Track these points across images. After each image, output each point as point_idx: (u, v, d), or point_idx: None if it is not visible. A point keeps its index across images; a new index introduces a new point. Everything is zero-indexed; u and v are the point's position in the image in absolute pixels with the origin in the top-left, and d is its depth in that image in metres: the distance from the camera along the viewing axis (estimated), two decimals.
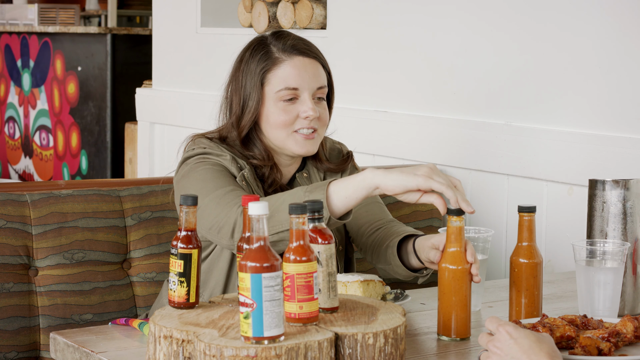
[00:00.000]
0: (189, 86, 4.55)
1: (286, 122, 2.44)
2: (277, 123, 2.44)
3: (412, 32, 3.52)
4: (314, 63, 2.47)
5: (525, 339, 1.73)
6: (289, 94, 2.43)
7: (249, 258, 1.70)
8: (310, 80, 2.45)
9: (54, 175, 7.19)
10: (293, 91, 2.44)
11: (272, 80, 2.44)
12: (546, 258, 3.06)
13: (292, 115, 2.44)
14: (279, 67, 2.44)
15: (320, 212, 1.90)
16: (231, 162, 2.42)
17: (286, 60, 2.45)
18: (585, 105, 3.00)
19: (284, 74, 2.44)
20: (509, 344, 1.73)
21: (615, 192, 2.27)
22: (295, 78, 2.44)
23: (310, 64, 2.46)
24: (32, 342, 2.60)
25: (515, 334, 1.74)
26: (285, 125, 2.44)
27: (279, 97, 2.44)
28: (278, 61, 2.45)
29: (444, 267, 2.06)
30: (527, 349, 1.72)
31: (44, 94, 7.25)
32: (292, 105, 2.44)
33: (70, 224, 2.66)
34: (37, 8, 7.74)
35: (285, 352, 1.68)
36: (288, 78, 2.43)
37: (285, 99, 2.44)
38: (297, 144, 2.45)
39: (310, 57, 2.47)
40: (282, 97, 2.43)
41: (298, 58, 2.46)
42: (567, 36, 3.04)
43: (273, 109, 2.44)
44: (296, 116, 2.44)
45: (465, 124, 3.32)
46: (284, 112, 2.44)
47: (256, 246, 1.71)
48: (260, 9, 4.12)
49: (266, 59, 2.46)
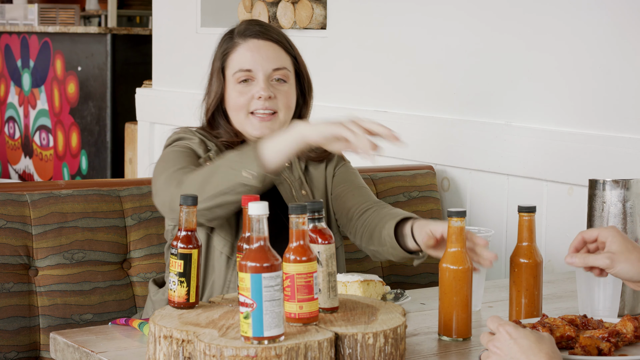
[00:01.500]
0: (189, 86, 4.55)
1: (242, 104, 2.50)
2: (234, 105, 2.51)
3: (412, 32, 3.52)
4: (271, 44, 2.53)
5: (525, 339, 1.73)
6: (243, 76, 2.50)
7: (249, 258, 1.70)
8: (264, 62, 2.50)
9: (54, 175, 7.19)
10: (247, 72, 2.50)
11: (230, 64, 2.52)
12: (546, 258, 3.06)
13: (248, 96, 2.50)
14: (235, 50, 2.52)
15: (321, 212, 1.90)
16: (199, 144, 2.50)
17: (242, 44, 2.53)
18: (585, 105, 3.00)
19: (239, 56, 2.51)
20: (509, 344, 1.73)
21: (615, 192, 2.27)
22: (249, 60, 2.50)
23: (265, 46, 2.52)
24: (32, 342, 2.60)
25: (515, 334, 1.74)
26: (241, 107, 2.50)
27: (235, 80, 2.51)
28: (235, 45, 2.53)
29: (445, 267, 2.06)
30: (527, 349, 1.71)
31: (44, 94, 7.25)
32: (248, 86, 2.50)
33: (70, 224, 2.66)
34: (37, 8, 7.74)
35: (285, 352, 1.68)
36: (242, 60, 2.50)
37: (240, 80, 2.50)
38: (252, 126, 2.50)
39: (265, 40, 2.53)
40: (237, 79, 2.50)
41: (252, 40, 2.52)
42: (567, 36, 3.04)
43: (231, 92, 2.52)
44: (251, 97, 2.49)
45: (465, 124, 3.32)
46: (240, 94, 2.50)
47: (256, 246, 1.71)
48: (260, 9, 4.12)
49: (227, 44, 2.54)
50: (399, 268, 3.13)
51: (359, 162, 3.13)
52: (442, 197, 3.40)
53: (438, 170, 3.40)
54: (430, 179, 3.30)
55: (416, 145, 3.46)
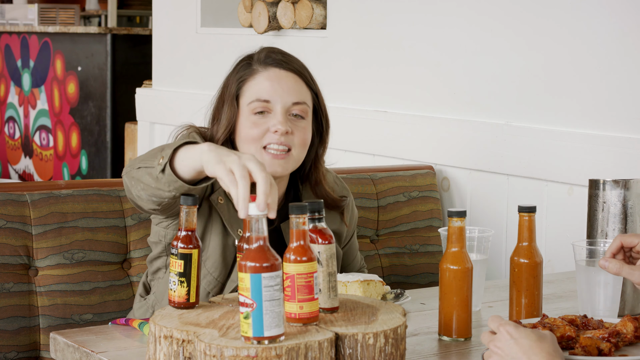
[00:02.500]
0: (189, 86, 4.55)
1: (255, 137, 2.32)
2: (247, 137, 2.33)
3: (412, 32, 3.52)
4: (292, 76, 2.36)
5: (526, 339, 1.73)
6: (260, 107, 2.32)
7: (249, 258, 1.70)
8: (284, 94, 2.33)
9: (54, 175, 7.19)
10: (264, 104, 2.33)
11: (246, 92, 2.35)
12: (546, 258, 3.06)
13: (262, 129, 2.32)
14: (253, 78, 2.35)
15: (321, 212, 1.90)
16: None
17: (261, 72, 2.35)
18: (586, 106, 3.00)
19: (257, 85, 2.34)
20: (509, 344, 1.73)
21: (615, 192, 2.27)
22: (268, 90, 2.33)
23: (286, 77, 2.35)
24: (32, 342, 2.60)
25: (516, 334, 1.74)
26: (254, 140, 2.32)
27: (251, 110, 2.33)
28: (254, 72, 2.36)
29: (445, 267, 2.06)
30: (527, 349, 1.71)
31: (44, 94, 7.25)
32: (264, 119, 2.32)
33: (70, 224, 2.66)
34: (37, 8, 7.74)
35: (286, 352, 1.68)
36: (260, 89, 2.33)
37: (256, 112, 2.33)
38: (264, 162, 2.24)
39: (287, 70, 2.36)
40: (253, 109, 2.33)
41: (273, 70, 2.35)
42: (567, 36, 3.04)
43: (245, 122, 2.34)
44: (266, 130, 2.32)
45: (465, 124, 3.32)
46: (254, 125, 2.32)
47: (255, 246, 1.71)
48: (260, 9, 4.12)
49: (245, 70, 2.37)
50: (399, 268, 3.13)
51: (360, 161, 3.14)
52: (442, 197, 3.40)
53: (438, 170, 3.40)
54: (430, 179, 3.30)
55: (416, 145, 3.46)
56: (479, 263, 2.27)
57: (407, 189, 3.20)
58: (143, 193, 2.15)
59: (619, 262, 2.04)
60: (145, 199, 2.16)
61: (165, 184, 2.07)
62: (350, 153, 3.66)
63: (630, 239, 2.06)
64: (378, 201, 3.15)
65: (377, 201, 3.15)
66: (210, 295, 2.34)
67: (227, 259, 2.35)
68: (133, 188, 2.18)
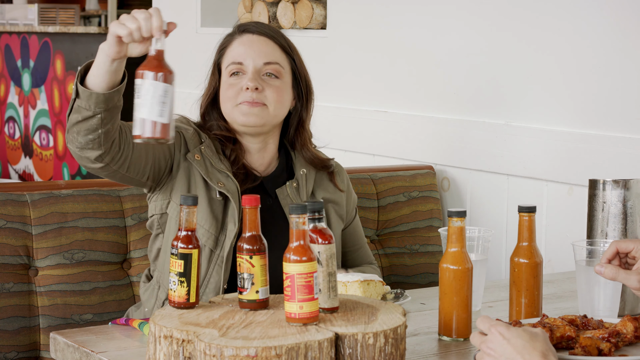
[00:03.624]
0: (189, 86, 4.54)
1: (231, 96, 2.52)
2: (224, 97, 2.54)
3: (412, 32, 3.52)
4: (264, 39, 2.56)
5: (518, 338, 1.73)
6: (234, 68, 2.53)
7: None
8: (255, 55, 2.53)
9: (54, 175, 7.19)
10: (238, 65, 2.53)
11: (224, 59, 2.57)
12: (546, 258, 3.06)
13: (237, 88, 2.52)
14: (230, 45, 2.57)
15: (321, 212, 1.90)
16: (192, 135, 2.53)
17: (237, 39, 2.57)
18: (585, 105, 3.00)
19: (233, 50, 2.56)
20: (502, 345, 1.73)
21: (615, 192, 2.27)
22: (241, 53, 2.54)
23: (257, 40, 2.55)
24: (32, 342, 2.60)
25: (508, 334, 1.74)
26: (229, 99, 2.53)
27: (227, 72, 2.55)
28: (231, 40, 2.58)
29: (445, 267, 2.06)
30: (521, 348, 1.71)
31: (44, 94, 7.25)
32: (238, 79, 2.53)
33: (70, 224, 2.66)
34: (37, 8, 7.74)
35: (286, 352, 1.68)
36: (235, 54, 2.55)
37: (231, 73, 2.54)
38: (241, 113, 2.50)
39: (259, 35, 2.57)
40: (229, 71, 2.54)
41: (246, 35, 2.57)
42: (568, 36, 3.04)
43: (224, 85, 2.56)
44: (240, 89, 2.52)
45: (465, 124, 3.32)
46: (230, 86, 2.53)
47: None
48: (260, 9, 4.12)
49: (224, 40, 2.60)
50: (399, 268, 3.13)
51: (360, 161, 3.13)
52: (442, 197, 3.40)
53: (438, 170, 3.40)
54: (430, 179, 3.30)
55: (416, 145, 3.46)
56: (479, 263, 2.27)
57: (407, 189, 3.20)
58: (79, 137, 2.25)
59: (614, 267, 2.04)
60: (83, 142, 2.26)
61: (85, 104, 2.21)
62: (350, 153, 3.66)
63: (626, 244, 2.06)
64: (378, 201, 3.15)
65: (377, 201, 3.15)
66: (205, 248, 2.46)
67: (215, 211, 2.48)
68: (73, 142, 2.28)
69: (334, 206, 2.62)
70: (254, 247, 1.88)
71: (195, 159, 2.49)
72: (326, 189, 2.63)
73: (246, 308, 1.90)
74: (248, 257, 1.88)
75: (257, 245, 1.88)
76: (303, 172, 2.59)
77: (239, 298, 1.90)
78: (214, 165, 2.49)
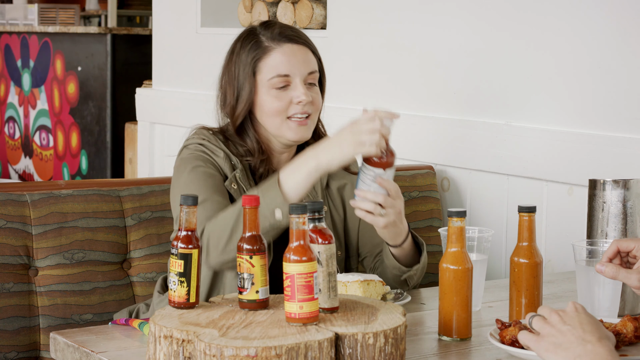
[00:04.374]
0: (189, 86, 4.55)
1: (280, 109, 2.47)
2: (271, 110, 2.48)
3: (412, 32, 3.52)
4: (303, 49, 2.52)
5: (587, 316, 1.75)
6: (281, 81, 2.47)
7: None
8: (300, 66, 2.49)
9: (54, 175, 7.19)
10: (285, 78, 2.47)
11: (264, 69, 2.49)
12: (546, 258, 3.06)
13: (285, 101, 2.48)
14: (269, 55, 2.49)
15: (321, 212, 1.91)
16: (224, 160, 2.47)
17: (276, 48, 2.49)
18: (586, 106, 3.00)
19: (274, 61, 2.48)
20: (573, 315, 1.75)
21: (615, 192, 2.27)
22: (286, 65, 2.48)
23: (299, 50, 2.51)
24: (32, 342, 2.60)
25: (581, 310, 1.76)
26: (279, 112, 2.47)
27: (271, 85, 2.48)
28: (268, 49, 2.49)
29: (445, 267, 2.06)
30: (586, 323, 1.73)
31: (44, 94, 7.25)
32: (285, 92, 2.48)
33: (70, 224, 2.66)
34: (37, 8, 7.74)
35: (286, 352, 1.69)
36: (279, 65, 2.48)
37: (277, 87, 2.48)
38: (291, 130, 2.48)
39: (299, 44, 2.51)
40: (274, 84, 2.47)
41: (287, 45, 2.50)
42: (568, 36, 3.04)
43: (266, 97, 2.48)
44: (289, 102, 2.48)
45: (465, 124, 3.32)
46: (277, 99, 2.47)
47: None
48: (260, 9, 4.12)
49: (257, 48, 2.50)
50: None
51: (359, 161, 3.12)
52: (442, 197, 3.40)
53: (438, 170, 3.40)
54: (430, 179, 3.30)
55: (416, 145, 3.46)
56: (479, 263, 2.27)
57: (407, 189, 3.20)
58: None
59: (615, 266, 2.04)
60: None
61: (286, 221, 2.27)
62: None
63: (627, 243, 2.06)
64: None
65: None
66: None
67: None
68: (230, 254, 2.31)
69: (351, 190, 2.59)
70: (254, 247, 1.88)
71: (232, 187, 2.46)
72: (341, 176, 2.63)
73: (246, 308, 1.90)
74: (248, 257, 1.88)
75: (257, 245, 1.88)
76: None
77: (239, 298, 1.90)
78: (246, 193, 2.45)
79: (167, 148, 4.64)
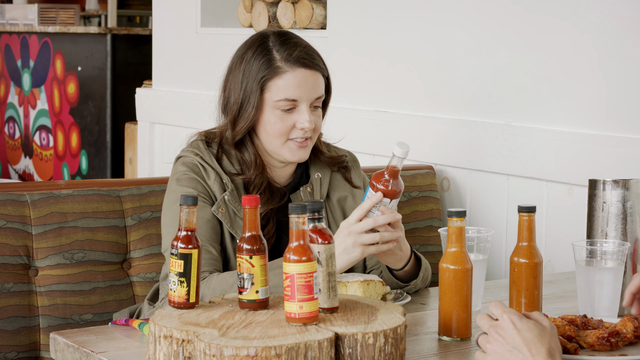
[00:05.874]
0: (189, 86, 4.55)
1: (282, 131, 2.44)
2: (273, 131, 2.45)
3: (413, 32, 3.52)
4: (315, 74, 2.46)
5: (529, 332, 1.73)
6: (287, 105, 2.43)
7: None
8: (309, 92, 2.44)
9: (54, 175, 7.19)
10: (292, 102, 2.43)
11: (272, 89, 2.44)
12: (546, 258, 3.06)
13: (289, 125, 2.45)
14: (280, 77, 2.43)
15: (320, 212, 1.91)
16: (215, 181, 2.45)
17: (288, 72, 2.43)
18: (586, 106, 3.00)
19: (284, 84, 2.43)
20: (512, 334, 1.73)
21: (615, 192, 2.27)
22: (296, 90, 2.43)
23: (311, 76, 2.45)
24: (32, 342, 2.60)
25: (520, 325, 1.73)
26: (281, 134, 2.45)
27: (277, 106, 2.44)
28: (280, 71, 2.44)
29: (445, 267, 2.06)
30: (529, 342, 1.71)
31: (44, 94, 7.25)
32: (289, 114, 2.44)
33: (70, 224, 2.66)
34: (37, 8, 7.74)
35: (286, 352, 1.69)
36: (289, 89, 2.43)
37: (283, 109, 2.44)
38: (290, 151, 2.46)
39: (312, 70, 2.46)
40: (280, 106, 2.43)
41: (300, 70, 2.44)
42: (568, 36, 3.04)
43: (270, 116, 2.45)
44: (292, 126, 2.45)
45: (465, 124, 3.32)
46: (281, 121, 2.44)
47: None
48: (260, 9, 4.12)
49: (268, 67, 2.44)
50: None
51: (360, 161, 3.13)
52: (442, 197, 3.40)
53: (438, 170, 3.40)
54: (430, 179, 3.30)
55: (416, 145, 3.46)
56: (479, 263, 2.27)
57: (407, 189, 3.20)
58: None
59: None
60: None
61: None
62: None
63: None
64: None
65: None
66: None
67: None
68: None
69: (353, 203, 2.59)
70: (254, 247, 1.88)
71: (220, 211, 2.44)
72: (343, 188, 2.60)
73: (246, 308, 1.90)
74: (248, 257, 1.88)
75: (257, 245, 1.88)
76: (318, 176, 2.57)
77: (239, 298, 1.90)
78: (237, 213, 2.44)
79: (167, 148, 4.64)
